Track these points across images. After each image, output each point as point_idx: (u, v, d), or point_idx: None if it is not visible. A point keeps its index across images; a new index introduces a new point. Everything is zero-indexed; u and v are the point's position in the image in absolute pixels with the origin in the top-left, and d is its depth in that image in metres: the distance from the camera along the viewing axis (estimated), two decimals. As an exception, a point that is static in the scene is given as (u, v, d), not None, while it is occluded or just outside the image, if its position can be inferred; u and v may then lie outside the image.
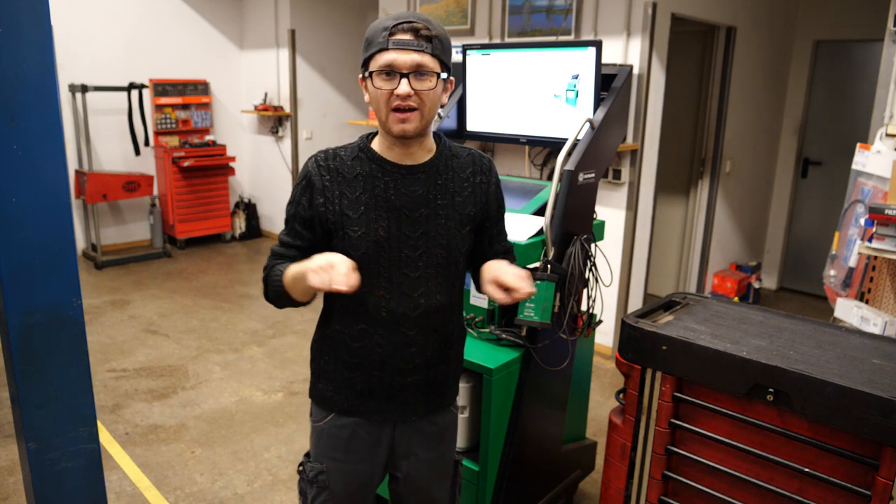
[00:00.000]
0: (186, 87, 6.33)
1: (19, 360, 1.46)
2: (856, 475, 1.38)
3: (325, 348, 1.56)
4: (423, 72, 1.34)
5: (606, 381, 3.84)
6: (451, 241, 1.48)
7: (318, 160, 1.46)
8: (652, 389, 1.66)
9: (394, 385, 1.52)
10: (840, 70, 5.18)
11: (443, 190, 1.47)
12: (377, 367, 1.50)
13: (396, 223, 1.43)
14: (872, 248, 2.52)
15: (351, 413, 1.55)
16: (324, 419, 1.58)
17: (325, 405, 1.58)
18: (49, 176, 1.43)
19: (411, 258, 1.45)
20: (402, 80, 1.33)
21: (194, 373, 3.79)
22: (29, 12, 1.34)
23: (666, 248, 5.14)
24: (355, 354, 1.51)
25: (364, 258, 1.42)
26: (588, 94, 2.20)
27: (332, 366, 1.55)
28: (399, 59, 1.33)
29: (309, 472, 1.60)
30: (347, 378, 1.53)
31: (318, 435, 1.60)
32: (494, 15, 4.41)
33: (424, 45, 1.34)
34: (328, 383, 1.56)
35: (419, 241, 1.45)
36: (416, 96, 1.34)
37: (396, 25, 1.33)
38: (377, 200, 1.43)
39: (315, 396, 1.61)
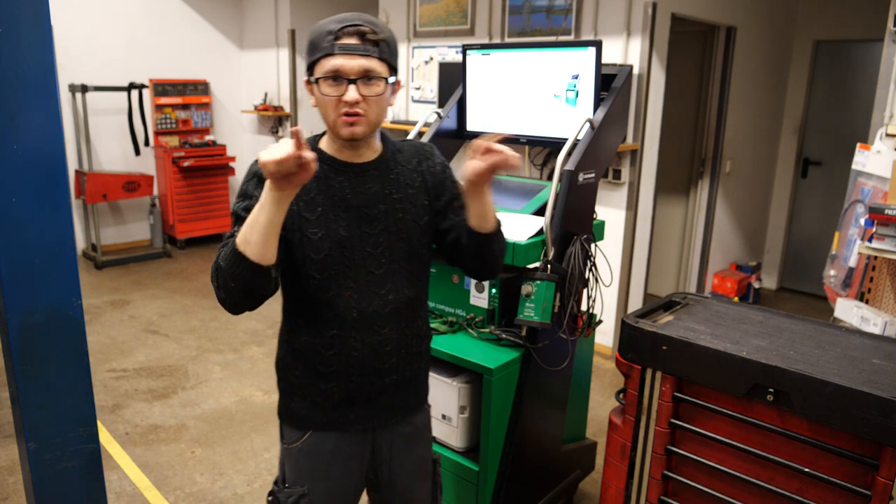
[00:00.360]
0: (186, 87, 6.33)
1: (19, 360, 1.46)
2: (856, 475, 1.38)
3: (294, 363, 1.49)
4: (371, 77, 1.31)
5: (606, 381, 3.84)
6: (411, 234, 1.46)
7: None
8: (652, 389, 1.66)
9: (373, 389, 1.48)
10: (840, 70, 5.18)
11: (396, 184, 1.46)
12: (355, 372, 1.45)
13: (356, 222, 1.41)
14: (872, 248, 2.52)
15: (330, 427, 1.49)
16: (300, 439, 1.51)
17: (301, 424, 1.51)
18: (49, 176, 1.43)
19: (374, 255, 1.43)
20: (350, 86, 1.30)
21: (194, 373, 3.79)
22: (29, 12, 1.34)
23: (666, 248, 5.14)
24: (330, 363, 1.45)
25: (327, 260, 1.39)
26: (588, 94, 2.20)
27: (304, 380, 1.48)
28: (346, 64, 1.30)
29: (287, 498, 1.51)
30: (324, 390, 1.47)
31: (294, 457, 1.52)
32: (494, 15, 4.41)
33: (371, 50, 1.31)
34: (302, 400, 1.49)
35: (380, 238, 1.43)
36: (364, 102, 1.32)
37: (342, 29, 1.30)
38: (334, 200, 1.40)
39: (288, 417, 1.53)
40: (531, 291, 2.00)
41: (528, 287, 2.01)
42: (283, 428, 1.56)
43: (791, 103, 5.38)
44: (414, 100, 5.12)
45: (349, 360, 1.44)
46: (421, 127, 2.53)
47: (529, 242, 2.02)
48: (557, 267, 2.05)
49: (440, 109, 2.59)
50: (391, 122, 5.09)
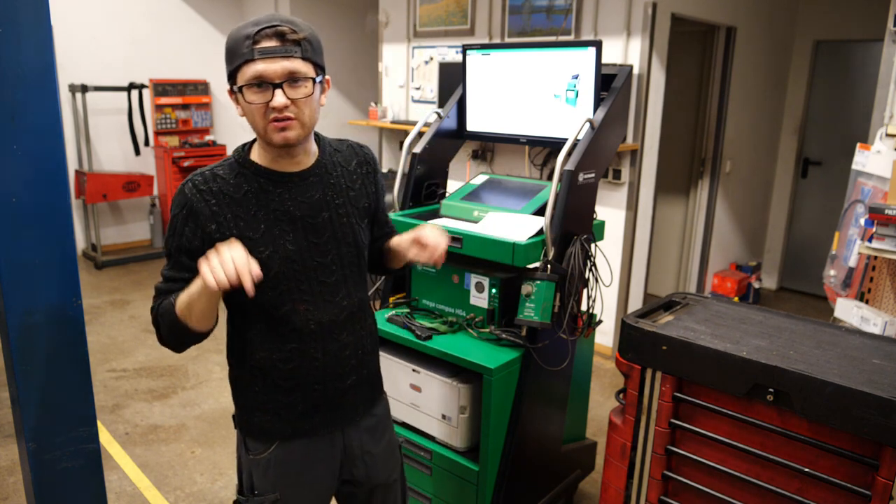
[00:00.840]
0: (186, 87, 6.33)
1: (19, 360, 1.46)
2: (856, 475, 1.38)
3: (251, 380, 1.45)
4: (297, 78, 1.25)
5: (606, 381, 3.84)
6: (356, 237, 1.45)
7: (197, 185, 1.32)
8: (652, 389, 1.66)
9: (336, 393, 1.47)
10: (840, 70, 5.18)
11: (336, 189, 1.42)
12: (317, 380, 1.44)
13: (303, 233, 1.37)
14: (872, 248, 2.52)
15: (297, 436, 1.47)
16: (267, 451, 1.48)
17: (265, 437, 1.47)
18: (49, 176, 1.43)
19: (324, 264, 1.40)
20: (276, 90, 1.24)
21: (194, 373, 3.79)
22: (29, 12, 1.34)
23: (666, 248, 5.14)
24: (290, 377, 1.42)
25: (279, 276, 1.35)
26: (588, 94, 2.20)
27: (264, 396, 1.44)
28: (268, 68, 1.23)
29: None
30: (286, 403, 1.44)
31: (263, 467, 1.49)
32: (494, 15, 4.41)
33: (293, 50, 1.24)
34: (264, 414, 1.46)
35: (328, 246, 1.40)
36: (293, 105, 1.26)
37: (260, 31, 1.22)
38: (276, 215, 1.35)
39: (250, 431, 1.49)
40: (531, 291, 2.00)
41: (528, 287, 2.01)
42: (245, 440, 1.52)
43: (791, 103, 5.38)
44: (414, 100, 5.12)
45: (311, 371, 1.43)
46: (421, 127, 2.53)
47: (529, 242, 2.02)
48: (557, 267, 2.05)
49: (440, 109, 2.59)
50: (391, 122, 5.09)
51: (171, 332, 1.33)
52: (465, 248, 2.10)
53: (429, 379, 2.13)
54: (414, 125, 4.28)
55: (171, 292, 1.33)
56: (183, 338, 1.35)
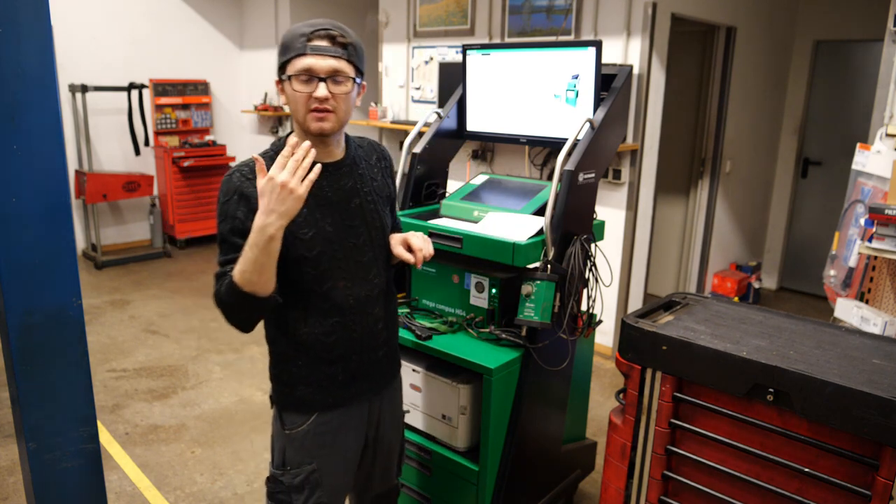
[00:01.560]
0: (186, 87, 6.33)
1: (19, 360, 1.46)
2: (856, 475, 1.38)
3: (295, 355, 1.56)
4: (339, 76, 1.43)
5: (606, 381, 3.84)
6: (383, 221, 1.63)
7: (244, 173, 1.47)
8: (652, 389, 1.66)
9: (370, 363, 1.63)
10: (840, 70, 5.18)
11: (364, 179, 1.60)
12: (356, 351, 1.59)
13: (339, 217, 1.53)
14: (872, 248, 2.52)
15: (335, 406, 1.60)
16: (305, 422, 1.59)
17: (306, 409, 1.59)
18: (49, 176, 1.43)
19: (358, 245, 1.56)
20: (321, 83, 1.42)
21: (194, 373, 3.80)
22: (29, 12, 1.34)
23: (666, 248, 5.14)
24: (333, 349, 1.56)
25: (320, 256, 1.50)
26: (588, 94, 2.20)
27: (307, 369, 1.57)
28: (317, 64, 1.41)
29: (294, 479, 1.59)
30: (328, 374, 1.57)
31: (300, 439, 1.59)
32: (494, 15, 4.41)
33: (340, 52, 1.43)
34: (307, 387, 1.58)
35: (360, 229, 1.57)
36: (332, 99, 1.43)
37: (314, 32, 1.42)
38: (316, 200, 1.50)
39: (292, 404, 1.60)
40: (531, 291, 2.00)
41: (528, 287, 2.01)
42: (282, 416, 1.62)
43: (791, 103, 5.38)
44: (414, 100, 5.12)
45: (350, 343, 1.58)
46: (421, 127, 2.53)
47: (529, 242, 2.02)
48: (557, 267, 2.05)
49: (440, 109, 2.59)
50: (391, 122, 5.09)
51: (238, 306, 1.41)
52: (465, 248, 2.10)
53: (429, 379, 2.13)
54: (414, 125, 4.28)
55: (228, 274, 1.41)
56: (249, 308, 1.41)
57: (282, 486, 1.61)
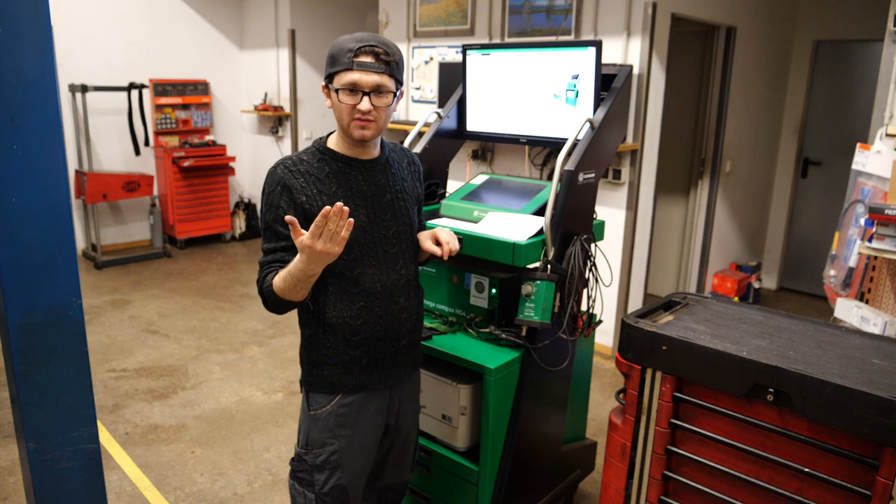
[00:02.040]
0: (186, 87, 6.33)
1: (19, 360, 1.46)
2: (856, 475, 1.38)
3: (324, 337, 1.68)
4: (382, 91, 1.56)
5: (606, 381, 3.84)
6: (411, 218, 1.76)
7: (287, 166, 1.62)
8: (652, 389, 1.66)
9: (393, 350, 1.73)
10: (840, 70, 5.18)
11: (395, 178, 1.73)
12: (380, 337, 1.69)
13: (372, 209, 1.66)
14: (872, 248, 2.52)
15: (357, 389, 1.71)
16: (329, 402, 1.70)
17: (331, 389, 1.70)
18: (49, 176, 1.43)
19: (388, 237, 1.69)
20: (364, 97, 1.54)
21: (194, 373, 3.80)
22: (29, 12, 1.34)
23: (666, 248, 5.14)
24: (359, 331, 1.67)
25: (353, 243, 1.61)
26: (588, 94, 2.20)
27: (334, 350, 1.68)
28: (362, 79, 1.53)
29: (317, 458, 1.70)
30: (353, 356, 1.68)
31: (323, 420, 1.70)
32: (494, 15, 4.41)
33: (383, 68, 1.54)
34: (333, 368, 1.69)
35: (391, 222, 1.70)
36: (374, 111, 1.56)
37: (360, 48, 1.53)
38: (352, 192, 1.64)
39: (318, 385, 1.71)
40: (531, 291, 2.00)
41: (528, 287, 2.01)
42: (309, 397, 1.73)
43: (791, 103, 5.37)
44: (414, 100, 5.13)
45: (375, 327, 1.68)
46: (421, 127, 2.53)
47: (529, 242, 2.02)
48: (557, 267, 2.05)
49: (440, 109, 2.59)
50: (391, 122, 5.09)
51: (275, 304, 1.59)
52: (465, 248, 2.10)
53: (429, 379, 2.13)
54: (414, 125, 4.29)
55: (272, 263, 1.60)
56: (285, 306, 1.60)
57: (305, 464, 1.72)
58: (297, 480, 1.74)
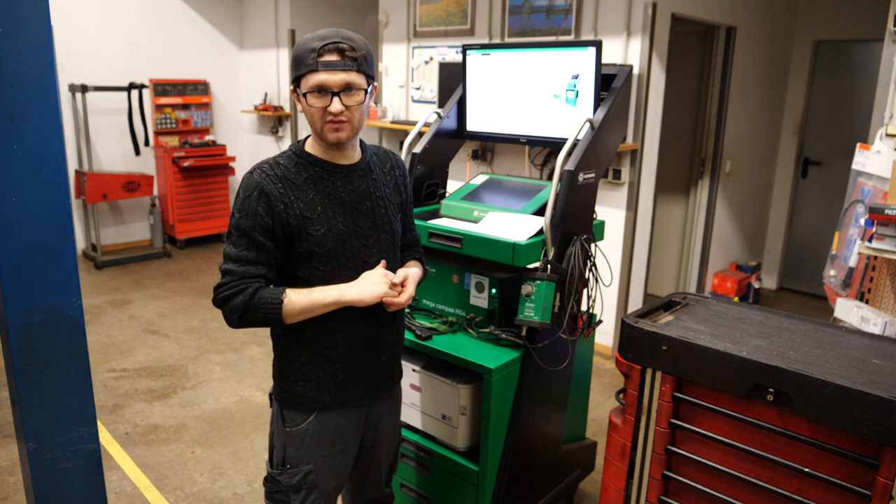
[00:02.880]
0: (186, 87, 6.33)
1: (19, 360, 1.46)
2: (856, 475, 1.38)
3: (299, 350, 1.60)
4: (352, 89, 1.47)
5: (606, 381, 3.84)
6: (392, 226, 1.67)
7: (264, 171, 1.52)
8: (652, 389, 1.66)
9: (371, 366, 1.66)
10: (840, 70, 5.18)
11: (377, 184, 1.65)
12: (358, 352, 1.62)
13: (351, 217, 1.58)
14: (872, 248, 2.52)
15: (333, 407, 1.63)
16: (305, 420, 1.62)
17: (306, 406, 1.62)
18: (49, 176, 1.43)
19: (367, 246, 1.61)
20: (334, 98, 1.46)
21: (194, 373, 3.79)
22: (29, 12, 1.34)
23: (666, 248, 5.14)
24: (337, 345, 1.59)
25: (331, 253, 1.54)
26: (588, 94, 2.20)
27: (310, 365, 1.60)
28: (329, 79, 1.44)
29: (292, 479, 1.62)
30: (329, 372, 1.60)
31: (299, 438, 1.62)
32: (494, 15, 4.41)
33: (350, 64, 1.45)
34: (307, 384, 1.60)
35: (370, 231, 1.61)
36: (347, 111, 1.48)
37: (323, 47, 1.43)
38: (330, 199, 1.56)
39: (292, 401, 1.62)
40: (531, 291, 2.00)
41: (528, 287, 2.01)
42: (283, 413, 1.65)
43: (791, 103, 5.37)
44: (414, 100, 5.12)
45: (353, 342, 1.61)
46: (421, 127, 2.53)
47: (529, 242, 2.02)
48: (557, 267, 2.05)
49: (440, 109, 2.59)
50: (391, 122, 5.09)
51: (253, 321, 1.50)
52: (465, 248, 2.10)
53: (429, 379, 2.13)
54: (414, 125, 4.28)
55: (249, 276, 1.49)
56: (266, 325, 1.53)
57: (279, 485, 1.63)
58: (273, 501, 1.66)
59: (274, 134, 6.70)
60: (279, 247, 1.53)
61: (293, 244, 1.53)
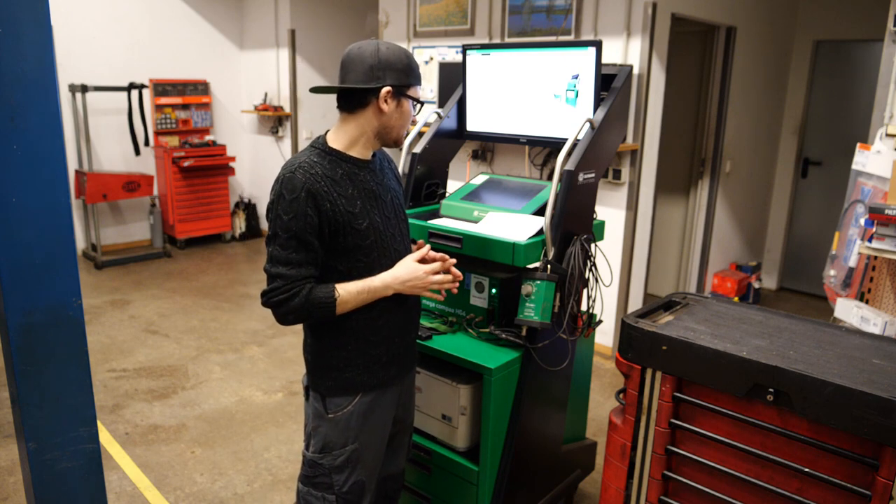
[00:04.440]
0: (186, 87, 6.33)
1: (19, 360, 1.46)
2: (856, 475, 1.38)
3: (345, 340, 1.68)
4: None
5: (606, 381, 3.84)
6: (405, 215, 1.82)
7: (306, 170, 1.56)
8: (652, 389, 1.66)
9: (406, 345, 1.80)
10: (840, 70, 5.18)
11: (389, 178, 1.79)
12: (397, 334, 1.75)
13: (381, 209, 1.69)
14: (872, 248, 2.52)
15: (375, 387, 1.73)
16: (350, 403, 1.70)
17: (352, 390, 1.70)
18: (49, 176, 1.43)
19: (394, 235, 1.73)
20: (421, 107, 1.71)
21: (194, 373, 3.80)
22: (29, 12, 1.34)
23: (666, 248, 5.13)
24: (380, 330, 1.70)
25: (372, 245, 1.65)
26: (588, 94, 2.20)
27: (356, 352, 1.69)
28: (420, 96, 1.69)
29: (336, 460, 1.70)
30: (373, 355, 1.71)
31: (345, 421, 1.70)
32: (494, 15, 4.41)
33: None
34: (355, 369, 1.69)
35: (395, 221, 1.74)
36: None
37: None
38: (366, 193, 1.65)
39: (339, 388, 1.70)
40: (531, 291, 2.00)
41: (528, 287, 2.01)
42: (325, 402, 1.71)
43: (791, 103, 5.37)
44: (414, 100, 5.12)
45: (392, 325, 1.73)
46: (421, 127, 2.53)
47: (529, 242, 2.02)
48: (557, 267, 2.05)
49: (440, 109, 2.59)
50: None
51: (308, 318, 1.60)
52: (465, 248, 2.10)
53: (429, 379, 2.13)
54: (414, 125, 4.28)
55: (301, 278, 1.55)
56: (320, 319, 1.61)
57: (322, 468, 1.70)
58: (314, 486, 1.72)
59: (274, 134, 6.70)
60: (324, 245, 1.59)
61: (337, 240, 1.60)
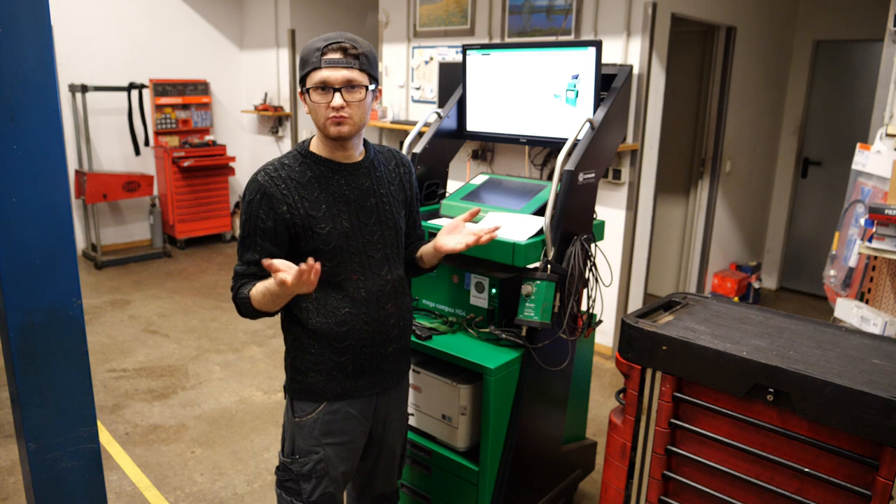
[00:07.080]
0: (186, 87, 6.33)
1: (19, 360, 1.46)
2: (856, 475, 1.38)
3: (308, 343, 1.66)
4: (353, 85, 1.54)
5: (606, 381, 3.84)
6: (396, 223, 1.73)
7: (268, 173, 1.59)
8: (652, 389, 1.66)
9: (379, 358, 1.71)
10: (840, 70, 5.18)
11: (381, 181, 1.70)
12: (365, 344, 1.67)
13: (355, 214, 1.64)
14: (872, 248, 2.52)
15: (343, 397, 1.69)
16: (315, 410, 1.68)
17: (316, 396, 1.68)
18: (49, 176, 1.43)
19: (372, 242, 1.67)
20: (336, 94, 1.53)
21: (194, 373, 3.80)
22: (29, 12, 1.34)
23: (666, 248, 5.14)
24: (343, 338, 1.64)
25: (336, 249, 1.60)
26: (588, 94, 2.20)
27: (319, 356, 1.66)
28: (331, 76, 1.52)
29: (303, 467, 1.68)
30: (338, 363, 1.66)
31: (308, 427, 1.68)
32: (494, 15, 4.41)
33: (352, 62, 1.53)
34: (317, 374, 1.66)
35: (374, 227, 1.67)
36: (348, 107, 1.54)
37: (327, 46, 1.52)
38: (335, 197, 1.62)
39: (302, 391, 1.69)
40: (531, 291, 2.00)
41: (528, 287, 2.01)
42: (293, 404, 1.71)
43: (791, 103, 5.37)
44: (414, 100, 5.12)
45: (360, 334, 1.66)
46: (421, 127, 2.53)
47: (529, 242, 2.02)
48: (557, 267, 2.05)
49: (440, 109, 2.59)
50: (391, 122, 5.09)
51: (249, 314, 1.61)
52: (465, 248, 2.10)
53: (429, 379, 2.13)
54: (414, 125, 4.28)
55: (245, 275, 1.60)
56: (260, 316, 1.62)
57: (290, 473, 1.69)
58: (284, 490, 1.71)
59: (274, 134, 6.70)
60: (282, 246, 1.59)
61: (299, 242, 1.59)
